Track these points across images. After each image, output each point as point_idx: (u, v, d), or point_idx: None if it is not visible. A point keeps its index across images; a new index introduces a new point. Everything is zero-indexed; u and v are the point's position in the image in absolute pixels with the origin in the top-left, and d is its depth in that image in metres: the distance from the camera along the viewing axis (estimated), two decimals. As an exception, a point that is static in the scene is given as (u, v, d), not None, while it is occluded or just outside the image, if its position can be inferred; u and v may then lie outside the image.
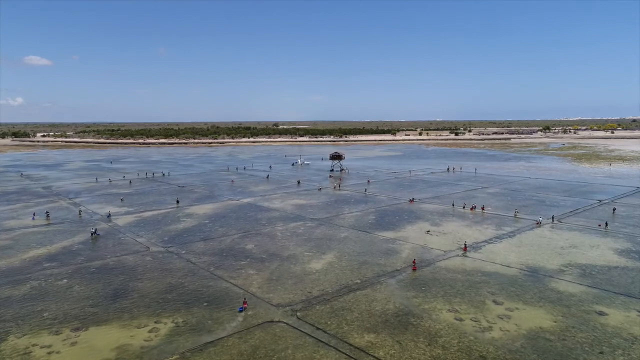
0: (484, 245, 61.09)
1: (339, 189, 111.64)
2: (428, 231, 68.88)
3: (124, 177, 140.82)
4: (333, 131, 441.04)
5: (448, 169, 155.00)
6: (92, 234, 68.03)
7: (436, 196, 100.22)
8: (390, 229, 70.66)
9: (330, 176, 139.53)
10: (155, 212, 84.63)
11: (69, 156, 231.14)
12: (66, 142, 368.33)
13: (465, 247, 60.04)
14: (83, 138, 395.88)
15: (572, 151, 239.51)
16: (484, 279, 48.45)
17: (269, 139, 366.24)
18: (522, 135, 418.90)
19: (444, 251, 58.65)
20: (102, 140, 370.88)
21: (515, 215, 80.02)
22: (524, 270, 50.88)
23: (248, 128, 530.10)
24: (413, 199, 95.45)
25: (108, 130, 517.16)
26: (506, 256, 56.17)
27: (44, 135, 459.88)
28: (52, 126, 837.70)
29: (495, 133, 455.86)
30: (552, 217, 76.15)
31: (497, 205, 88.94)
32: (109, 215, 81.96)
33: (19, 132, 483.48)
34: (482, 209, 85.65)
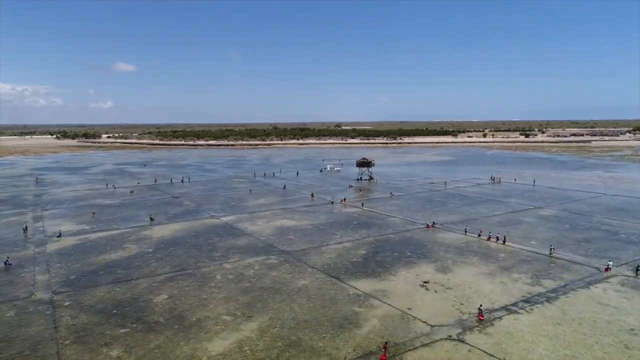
0: (501, 317, 39.10)
1: (350, 205, 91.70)
2: (426, 282, 47.64)
3: (138, 182, 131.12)
4: (387, 132, 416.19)
5: (492, 178, 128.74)
6: (5, 264, 54.93)
7: (466, 219, 77.25)
8: (374, 274, 50.32)
9: (351, 186, 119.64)
10: (108, 233, 70.56)
11: (108, 158, 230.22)
12: (123, 143, 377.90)
13: (481, 314, 38.80)
14: (140, 139, 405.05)
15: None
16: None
17: (317, 141, 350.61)
18: (606, 138, 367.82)
19: (431, 326, 37.61)
20: (156, 141, 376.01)
21: (551, 254, 56.30)
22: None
23: (305, 129, 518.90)
24: (433, 223, 73.50)
25: (173, 131, 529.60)
26: (532, 346, 34.14)
27: (109, 137, 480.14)
28: (129, 127, 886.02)
29: (574, 135, 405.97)
30: (638, 268, 50.04)
31: (546, 238, 64.73)
32: (59, 235, 69.34)
33: (88, 134, 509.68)
34: (504, 241, 62.40)
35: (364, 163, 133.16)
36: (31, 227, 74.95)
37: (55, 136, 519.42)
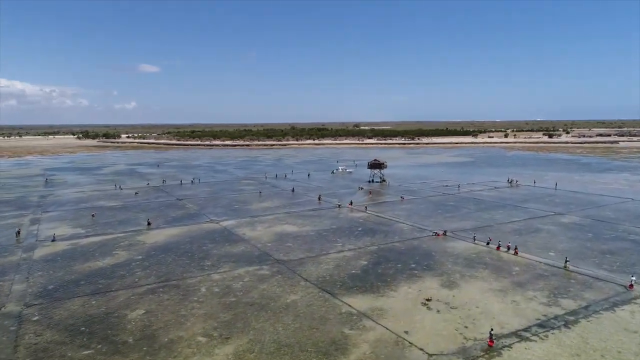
0: (511, 345, 34.23)
1: (358, 209, 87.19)
2: (428, 300, 42.96)
3: (147, 183, 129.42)
4: (404, 133, 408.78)
5: (510, 181, 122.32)
6: (-13, 270, 52.46)
7: (480, 226, 71.95)
8: (372, 290, 45.87)
9: (361, 188, 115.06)
10: (101, 238, 67.85)
11: (122, 158, 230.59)
12: (140, 143, 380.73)
13: (491, 339, 34.08)
14: (157, 139, 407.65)
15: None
16: None
17: (333, 141, 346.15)
18: (635, 138, 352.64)
19: (429, 356, 33.03)
20: (172, 141, 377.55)
21: (566, 267, 50.94)
22: None
23: (323, 129, 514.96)
24: (445, 231, 68.44)
25: (191, 131, 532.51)
26: (543, 383, 29.26)
27: (128, 137, 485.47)
28: (151, 128, 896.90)
29: (600, 135, 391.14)
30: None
31: (566, 249, 59.12)
32: (53, 239, 67.07)
33: (108, 134, 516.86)
34: (515, 251, 57.20)
35: (376, 165, 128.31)
36: (26, 231, 72.92)
37: (76, 136, 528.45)
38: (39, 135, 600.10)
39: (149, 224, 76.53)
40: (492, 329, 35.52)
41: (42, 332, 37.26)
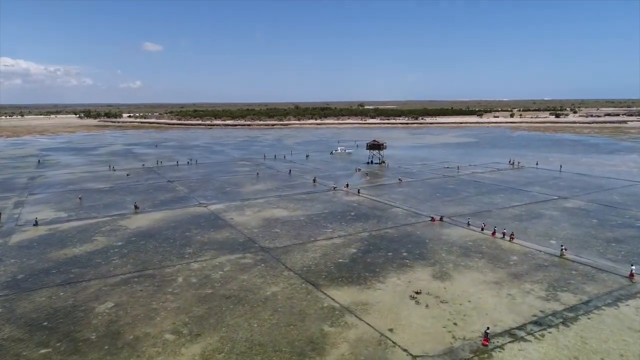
0: (503, 346, 31.38)
1: (353, 192, 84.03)
2: (417, 292, 40.08)
3: (143, 164, 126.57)
4: (409, 112, 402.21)
5: (512, 162, 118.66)
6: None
7: (479, 211, 68.74)
8: (358, 281, 43.03)
9: (359, 170, 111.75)
10: (83, 222, 65.32)
11: (120, 138, 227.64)
12: (141, 122, 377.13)
13: (486, 338, 31.36)
14: (159, 119, 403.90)
15: None
16: None
17: (336, 121, 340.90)
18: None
19: (413, 358, 30.26)
20: (173, 121, 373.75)
21: (562, 254, 47.97)
22: None
23: (326, 108, 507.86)
24: (441, 217, 65.27)
25: (194, 110, 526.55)
26: (536, 391, 26.45)
27: (129, 116, 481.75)
28: (155, 107, 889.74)
29: (608, 115, 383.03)
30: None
31: (569, 236, 55.91)
32: (35, 223, 64.61)
33: (110, 113, 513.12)
34: (511, 237, 54.18)
35: (375, 145, 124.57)
36: (7, 214, 70.50)
37: (78, 116, 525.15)
38: (41, 114, 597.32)
39: (136, 207, 73.81)
40: (488, 328, 32.64)
41: (1, 328, 34.79)
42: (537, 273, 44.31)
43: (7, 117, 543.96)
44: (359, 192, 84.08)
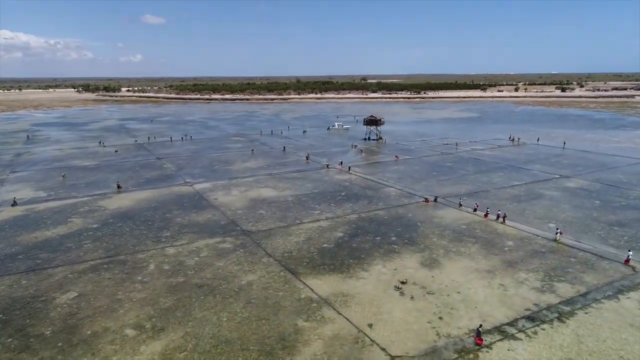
0: (491, 345, 28.70)
1: (346, 170, 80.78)
2: (403, 282, 37.32)
3: (135, 140, 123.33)
4: (411, 86, 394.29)
5: (511, 138, 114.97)
6: None
7: (476, 191, 65.58)
8: (341, 269, 40.27)
9: (355, 146, 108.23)
10: (61, 203, 62.66)
11: (116, 113, 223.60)
12: (139, 97, 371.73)
13: (479, 337, 28.72)
14: (157, 93, 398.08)
15: None
16: None
17: (336, 95, 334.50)
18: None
19: (392, 358, 27.64)
20: (172, 95, 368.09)
21: (557, 238, 45.07)
22: None
23: (328, 82, 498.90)
24: (435, 197, 62.10)
25: (193, 84, 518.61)
26: (524, 400, 23.85)
27: (128, 90, 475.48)
28: (155, 81, 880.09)
29: (616, 89, 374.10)
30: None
31: (569, 219, 52.82)
32: (13, 203, 62.11)
33: (108, 87, 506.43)
34: (504, 219, 51.35)
35: (372, 121, 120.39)
36: (-16, 194, 67.80)
37: (77, 90, 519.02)
38: (40, 88, 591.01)
39: (118, 187, 70.95)
40: (480, 325, 29.93)
41: (-50, 321, 32.34)
42: (533, 260, 41.41)
43: (5, 90, 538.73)
44: (349, 169, 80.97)
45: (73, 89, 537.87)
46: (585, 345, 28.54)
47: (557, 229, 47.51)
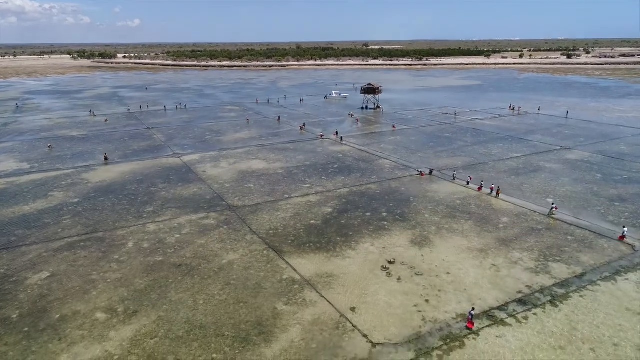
0: (479, 331, 27.18)
1: (340, 142, 78.34)
2: (390, 262, 35.67)
3: (128, 109, 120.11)
4: (413, 53, 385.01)
5: (512, 107, 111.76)
6: None
7: (473, 164, 63.35)
8: (327, 247, 38.56)
9: (351, 115, 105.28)
10: (43, 175, 60.73)
11: (110, 81, 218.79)
12: (135, 64, 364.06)
13: (471, 321, 27.36)
14: (153, 60, 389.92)
15: None
16: None
17: (336, 62, 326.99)
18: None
19: (373, 345, 26.19)
20: (168, 62, 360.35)
21: (551, 214, 43.33)
22: None
23: (328, 49, 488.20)
24: (431, 170, 59.91)
25: (192, 51, 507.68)
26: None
27: (124, 57, 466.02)
28: (154, 47, 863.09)
29: (623, 55, 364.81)
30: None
31: (568, 194, 50.81)
32: (-5, 175, 60.17)
33: (104, 54, 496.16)
34: (498, 192, 49.47)
35: (370, 89, 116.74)
36: (-34, 166, 65.76)
37: (72, 56, 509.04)
38: (34, 55, 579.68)
39: (105, 158, 68.78)
40: (473, 309, 28.37)
41: None
42: (528, 238, 39.62)
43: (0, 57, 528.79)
44: (341, 139, 78.79)
45: (68, 56, 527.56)
46: (579, 331, 27.01)
47: (553, 203, 45.61)
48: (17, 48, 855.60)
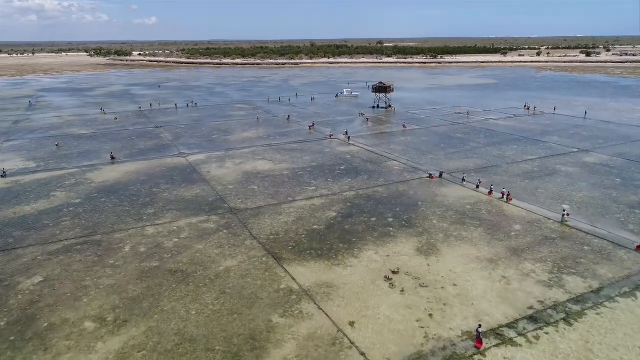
0: (486, 351, 25.38)
1: (349, 142, 76.66)
2: (394, 272, 33.97)
3: (139, 107, 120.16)
4: (427, 51, 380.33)
5: (526, 107, 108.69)
6: None
7: (486, 166, 61.14)
8: (329, 254, 37.01)
9: (362, 114, 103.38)
10: (48, 174, 60.34)
11: (123, 78, 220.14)
12: (150, 61, 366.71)
13: (479, 339, 25.67)
14: (168, 57, 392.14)
15: None
16: None
17: (349, 60, 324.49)
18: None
19: (370, 365, 24.60)
20: (182, 59, 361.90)
21: (564, 220, 41.06)
22: None
23: (342, 46, 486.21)
24: (441, 173, 57.91)
25: (206, 48, 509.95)
26: None
27: (139, 54, 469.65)
28: (169, 44, 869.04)
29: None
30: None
31: (585, 200, 48.39)
32: (3, 175, 60.10)
33: (120, 51, 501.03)
34: (509, 198, 47.23)
35: (381, 88, 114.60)
36: (-27, 164, 65.75)
37: (89, 54, 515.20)
38: (52, 52, 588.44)
39: (112, 158, 68.22)
40: (480, 326, 26.58)
41: None
42: (541, 248, 37.52)
43: (19, 55, 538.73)
44: (349, 139, 77.19)
45: (85, 53, 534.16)
46: (594, 354, 25.04)
47: (564, 210, 43.38)
48: (37, 46, 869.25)
